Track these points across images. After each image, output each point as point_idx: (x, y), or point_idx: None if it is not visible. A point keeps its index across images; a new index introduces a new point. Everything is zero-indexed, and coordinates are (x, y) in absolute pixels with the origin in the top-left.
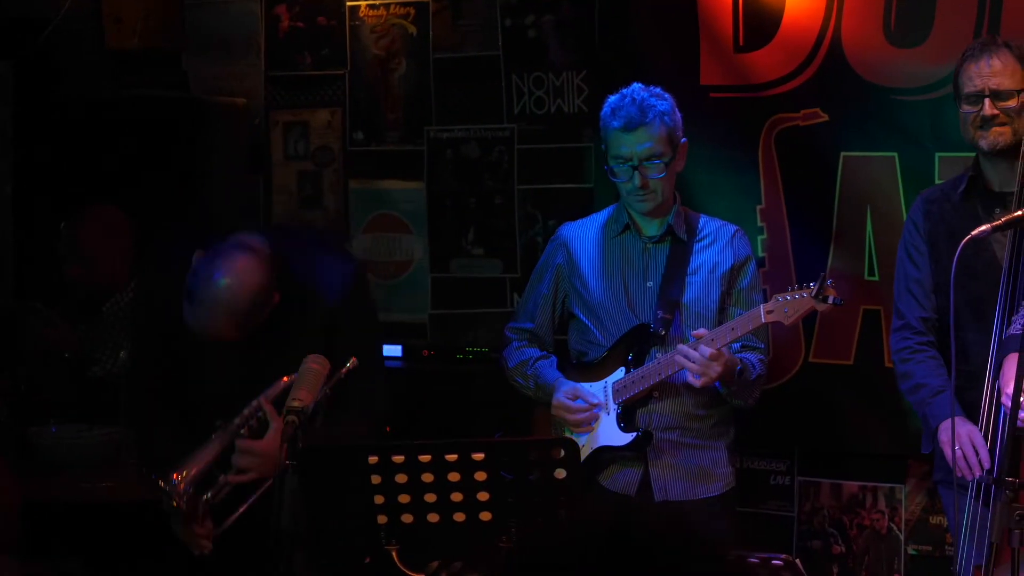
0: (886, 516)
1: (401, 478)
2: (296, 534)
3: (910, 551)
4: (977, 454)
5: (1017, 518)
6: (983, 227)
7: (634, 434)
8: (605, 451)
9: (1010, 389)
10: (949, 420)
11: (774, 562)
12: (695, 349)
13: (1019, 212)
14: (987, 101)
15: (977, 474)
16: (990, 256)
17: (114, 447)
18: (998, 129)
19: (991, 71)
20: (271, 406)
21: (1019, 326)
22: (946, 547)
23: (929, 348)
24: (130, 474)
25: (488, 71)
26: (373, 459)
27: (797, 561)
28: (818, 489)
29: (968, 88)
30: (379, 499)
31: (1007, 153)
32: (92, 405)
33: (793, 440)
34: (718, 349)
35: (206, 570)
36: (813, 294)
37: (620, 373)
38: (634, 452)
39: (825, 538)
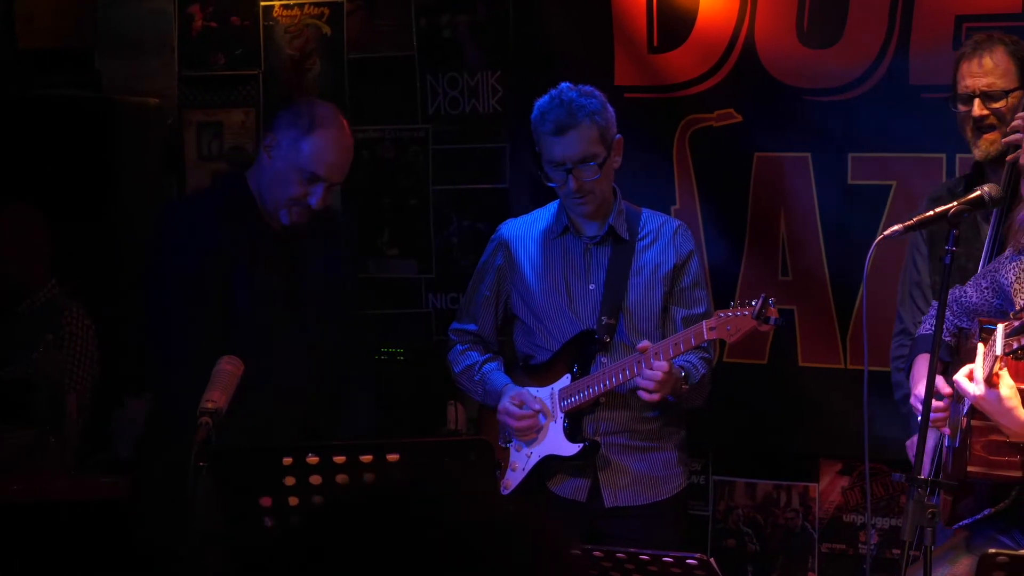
0: (800, 515)
1: (315, 479)
2: (210, 535)
3: (823, 549)
4: None
5: (929, 516)
6: (895, 227)
7: (580, 445)
8: (552, 460)
9: (919, 390)
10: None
11: (688, 561)
12: (650, 367)
13: (930, 212)
14: (977, 102)
15: None
16: (979, 254)
17: (26, 449)
18: (989, 137)
19: (983, 70)
20: None
21: (928, 326)
22: (859, 544)
23: None
24: (44, 475)
25: (403, 71)
26: (287, 460)
27: (712, 560)
28: (732, 488)
29: (960, 87)
30: (293, 500)
31: (1003, 157)
32: (6, 406)
33: (708, 440)
34: (670, 362)
35: (121, 570)
36: (754, 314)
37: (566, 380)
38: (581, 461)
39: (740, 537)
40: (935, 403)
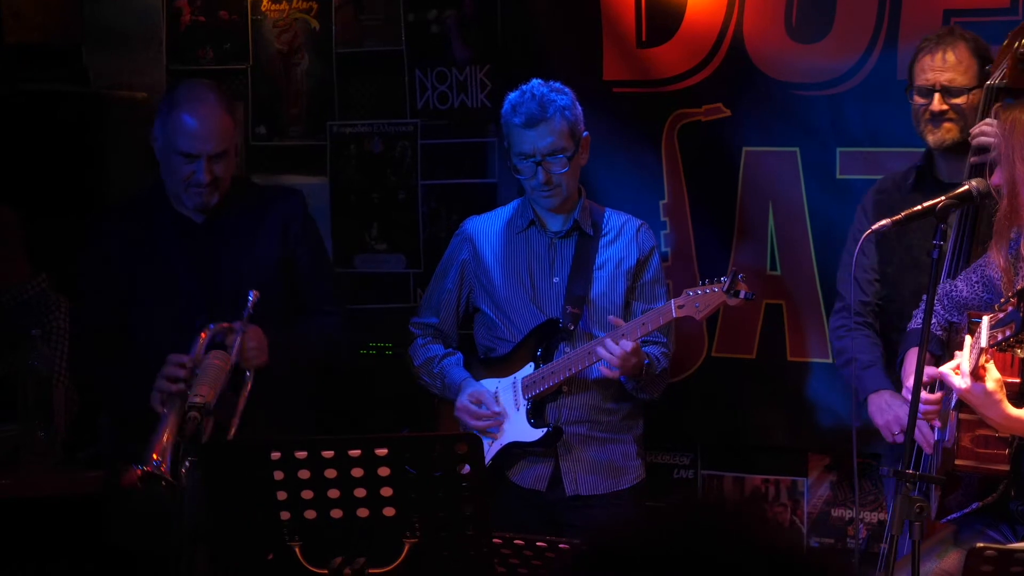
0: (788, 509)
1: (304, 474)
2: (198, 531)
3: (812, 543)
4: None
5: (917, 510)
6: (884, 222)
7: (544, 430)
8: (514, 446)
9: (910, 383)
10: (878, 392)
11: None
12: (616, 342)
13: (918, 207)
14: (937, 96)
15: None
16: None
17: (13, 444)
18: (947, 126)
19: (944, 65)
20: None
21: (918, 320)
22: (848, 539)
23: (865, 328)
24: (29, 472)
25: (391, 66)
26: (276, 455)
27: None
28: (721, 482)
29: (920, 80)
30: (282, 495)
31: (956, 148)
32: None
33: (696, 434)
34: (637, 343)
35: (104, 567)
36: (725, 288)
37: (529, 368)
38: (544, 448)
39: None
40: (926, 396)
